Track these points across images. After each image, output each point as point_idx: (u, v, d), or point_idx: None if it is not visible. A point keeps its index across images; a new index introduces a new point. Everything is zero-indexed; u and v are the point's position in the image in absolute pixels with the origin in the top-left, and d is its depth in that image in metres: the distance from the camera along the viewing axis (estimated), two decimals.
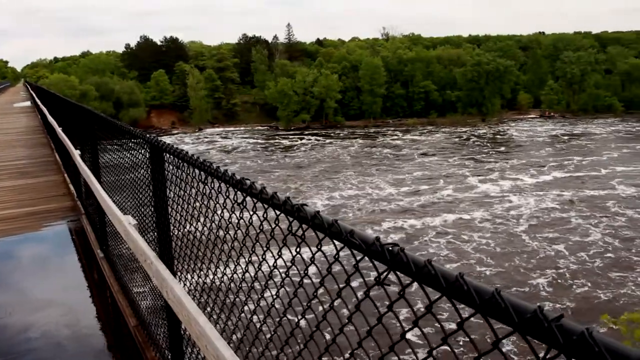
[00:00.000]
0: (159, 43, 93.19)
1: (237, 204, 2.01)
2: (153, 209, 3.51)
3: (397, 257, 1.16)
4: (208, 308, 2.67)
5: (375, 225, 30.64)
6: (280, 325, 1.93)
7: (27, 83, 59.06)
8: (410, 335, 1.26)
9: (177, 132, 79.16)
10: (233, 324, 2.43)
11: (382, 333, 1.39)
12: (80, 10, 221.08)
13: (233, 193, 2.01)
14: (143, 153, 3.67)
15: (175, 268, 3.25)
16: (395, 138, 68.00)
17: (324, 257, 1.48)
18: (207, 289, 2.74)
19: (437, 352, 1.16)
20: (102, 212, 5.72)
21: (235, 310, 2.37)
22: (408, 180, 43.15)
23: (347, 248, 1.32)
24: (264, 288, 1.99)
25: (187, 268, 3.00)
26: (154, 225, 3.53)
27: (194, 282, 2.93)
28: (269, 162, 54.51)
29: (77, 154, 7.45)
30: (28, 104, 33.46)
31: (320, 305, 1.62)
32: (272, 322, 1.99)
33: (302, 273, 1.64)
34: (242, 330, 2.33)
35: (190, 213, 2.76)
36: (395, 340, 1.25)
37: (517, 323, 0.89)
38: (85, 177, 6.29)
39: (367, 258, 1.26)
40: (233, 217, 2.12)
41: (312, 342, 1.68)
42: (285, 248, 1.70)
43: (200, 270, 2.77)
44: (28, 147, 15.92)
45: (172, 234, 3.26)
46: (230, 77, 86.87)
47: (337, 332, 1.50)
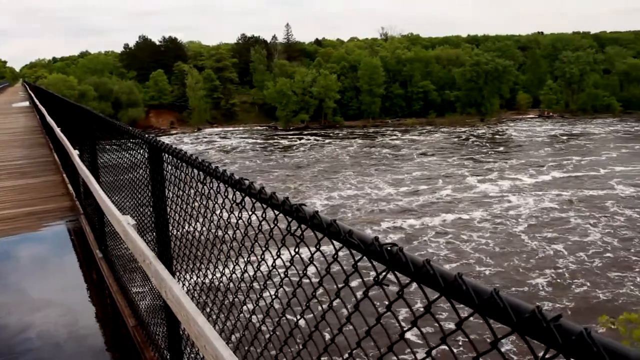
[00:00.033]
0: (158, 43, 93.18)
1: (235, 204, 2.01)
2: (152, 209, 3.51)
3: (395, 257, 1.16)
4: (207, 308, 2.66)
5: (375, 225, 30.64)
6: (279, 325, 1.93)
7: (25, 83, 58.96)
8: (410, 335, 1.26)
9: (175, 132, 79.12)
10: (232, 324, 2.43)
11: (381, 333, 1.39)
12: (80, 10, 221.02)
13: (232, 193, 2.01)
14: (142, 153, 3.67)
15: (174, 268, 3.24)
16: (394, 138, 68.00)
17: (323, 257, 1.48)
18: (205, 289, 2.74)
19: (437, 351, 1.16)
20: (100, 212, 5.72)
21: (234, 310, 2.37)
22: (407, 180, 43.16)
23: (346, 248, 1.32)
24: (263, 288, 1.99)
25: (186, 268, 3.00)
26: (153, 226, 3.53)
27: (193, 282, 2.93)
28: (268, 162, 54.50)
29: (75, 154, 7.44)
30: (26, 104, 33.41)
31: (319, 305, 1.62)
32: (271, 322, 1.99)
33: (301, 273, 1.64)
34: (241, 330, 2.32)
35: (189, 213, 2.76)
36: (394, 340, 1.25)
37: (515, 323, 0.89)
38: (84, 177, 6.28)
39: (366, 258, 1.26)
40: (232, 217, 2.12)
41: (311, 342, 1.68)
42: (284, 248, 1.70)
43: (199, 270, 2.77)
44: (26, 147, 15.89)
45: (171, 234, 3.26)
46: (229, 77, 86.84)
47: (336, 332, 1.50)
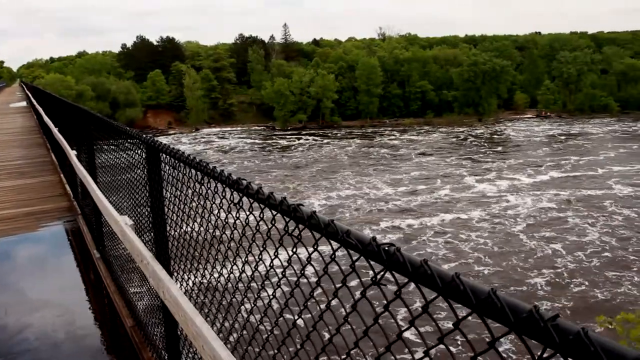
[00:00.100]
0: (155, 43, 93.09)
1: (233, 204, 2.00)
2: (149, 209, 3.51)
3: (393, 257, 1.15)
4: (205, 308, 2.66)
5: (373, 225, 30.64)
6: (277, 326, 1.92)
7: (23, 83, 58.88)
8: (408, 335, 1.26)
9: (173, 132, 79.06)
10: (230, 324, 2.43)
11: (379, 333, 1.39)
12: (80, 11, 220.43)
13: (229, 193, 2.01)
14: (139, 153, 3.66)
15: (172, 268, 3.24)
16: (393, 138, 68.03)
17: (321, 257, 1.48)
18: (203, 289, 2.74)
19: (436, 350, 1.16)
20: (98, 212, 5.71)
21: (232, 311, 2.37)
22: (405, 180, 43.18)
23: (343, 248, 1.32)
24: (261, 288, 1.98)
25: (183, 268, 3.00)
26: (151, 226, 3.53)
27: (191, 282, 2.93)
28: (267, 162, 54.48)
29: (73, 154, 7.43)
30: (24, 104, 33.36)
31: (317, 306, 1.62)
32: (268, 322, 1.99)
33: (298, 273, 1.64)
34: (239, 331, 2.32)
35: (187, 213, 2.75)
36: (392, 340, 1.25)
37: (513, 323, 0.89)
38: (82, 177, 6.27)
39: (363, 258, 1.26)
40: (230, 217, 2.12)
41: (308, 342, 1.68)
42: (282, 248, 1.70)
43: (197, 271, 2.76)
44: (24, 147, 15.86)
45: (168, 235, 3.26)
46: (227, 77, 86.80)
47: (333, 332, 1.50)
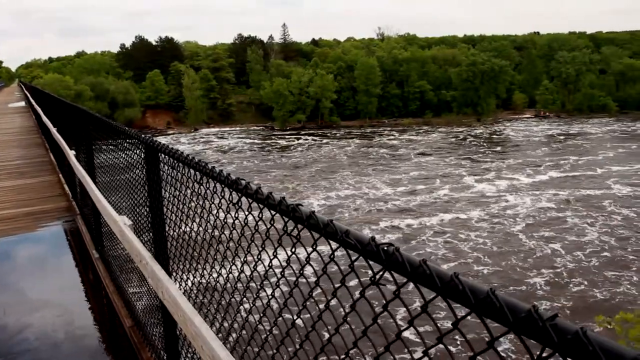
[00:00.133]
0: (154, 43, 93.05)
1: (232, 204, 2.00)
2: (148, 210, 3.50)
3: (392, 256, 1.15)
4: (204, 308, 2.66)
5: (372, 225, 30.65)
6: (276, 326, 1.92)
7: (21, 83, 58.83)
8: (408, 334, 1.26)
9: (172, 132, 79.04)
10: (229, 324, 2.43)
11: (378, 333, 1.39)
12: (79, 11, 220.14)
13: (228, 193, 2.01)
14: (138, 153, 3.66)
15: (171, 268, 3.24)
16: (392, 138, 68.06)
17: (320, 257, 1.48)
18: (202, 290, 2.74)
19: (436, 349, 1.16)
20: (97, 212, 5.70)
21: (231, 311, 2.37)
22: (404, 180, 43.19)
23: (343, 248, 1.32)
24: (260, 288, 1.98)
25: (182, 268, 3.00)
26: (150, 226, 3.53)
27: (190, 282, 2.92)
28: (266, 162, 54.48)
29: (72, 155, 7.42)
30: (22, 104, 33.32)
31: (316, 305, 1.62)
32: (267, 322, 1.99)
33: (297, 273, 1.64)
34: (238, 331, 2.32)
35: (186, 213, 2.75)
36: (391, 340, 1.25)
37: (512, 322, 0.89)
38: (81, 177, 6.26)
39: (362, 258, 1.25)
40: (229, 217, 2.12)
41: (307, 342, 1.68)
42: (281, 248, 1.70)
43: (196, 271, 2.76)
44: (23, 147, 15.84)
45: (167, 235, 3.25)
46: (226, 77, 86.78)
47: (332, 332, 1.50)
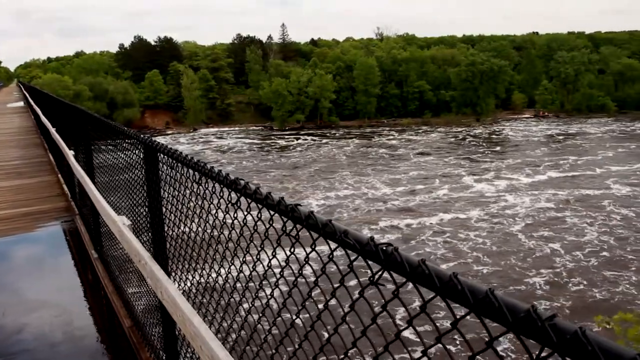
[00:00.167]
0: (153, 43, 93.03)
1: (231, 204, 2.00)
2: (147, 210, 3.50)
3: (391, 256, 1.15)
4: (203, 308, 2.66)
5: (372, 225, 30.64)
6: (275, 326, 1.92)
7: (20, 83, 58.79)
8: (407, 334, 1.26)
9: (171, 132, 79.02)
10: (228, 324, 2.42)
11: (377, 333, 1.39)
12: (79, 11, 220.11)
13: (227, 193, 2.00)
14: (137, 153, 3.65)
15: (170, 268, 3.24)
16: (391, 138, 68.07)
17: (319, 257, 1.48)
18: (201, 290, 2.73)
19: (436, 349, 1.16)
20: (96, 212, 5.70)
21: (230, 311, 2.36)
22: (404, 180, 43.19)
23: (341, 248, 1.32)
24: (259, 288, 1.98)
25: (181, 268, 2.99)
26: (149, 226, 3.52)
27: (189, 282, 2.92)
28: (265, 162, 54.47)
29: (70, 155, 7.42)
30: (21, 105, 33.30)
31: (315, 305, 1.62)
32: (267, 322, 1.99)
33: (296, 273, 1.64)
34: (236, 331, 2.32)
35: (185, 213, 2.75)
36: (390, 340, 1.25)
37: (511, 322, 0.89)
38: (79, 177, 6.26)
39: (361, 258, 1.25)
40: (227, 217, 2.12)
41: (306, 341, 1.68)
42: (280, 248, 1.70)
43: (195, 271, 2.76)
44: (21, 147, 15.83)
45: (166, 235, 3.25)
46: (225, 77, 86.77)
47: (332, 332, 1.49)
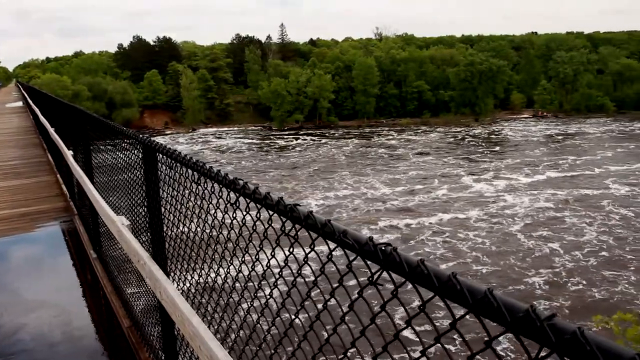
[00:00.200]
0: (152, 43, 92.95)
1: (230, 204, 2.00)
2: (146, 210, 3.50)
3: (390, 256, 1.15)
4: (202, 308, 2.66)
5: (371, 225, 30.63)
6: (274, 325, 1.92)
7: (19, 83, 58.75)
8: (406, 334, 1.26)
9: (170, 132, 78.96)
10: (227, 324, 2.42)
11: (376, 333, 1.39)
12: (79, 11, 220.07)
13: (226, 193, 2.00)
14: (136, 154, 3.65)
15: (169, 268, 3.23)
16: (390, 138, 68.07)
17: (318, 257, 1.48)
18: (200, 290, 2.73)
19: (436, 348, 1.16)
20: (95, 212, 5.69)
21: (229, 311, 2.36)
22: (403, 180, 43.19)
23: (341, 248, 1.32)
24: (258, 288, 1.98)
25: (180, 268, 2.99)
26: (147, 226, 3.52)
27: (188, 282, 2.92)
28: (264, 162, 54.45)
29: (69, 155, 7.42)
30: (20, 105, 33.29)
31: (314, 305, 1.62)
32: (265, 322, 1.99)
33: (295, 273, 1.64)
34: (235, 331, 2.32)
35: (184, 213, 2.75)
36: (389, 340, 1.25)
37: (509, 322, 0.89)
38: (78, 177, 6.26)
39: (360, 258, 1.25)
40: (226, 217, 2.12)
41: (305, 341, 1.68)
42: (279, 248, 1.70)
43: (194, 271, 2.76)
44: (20, 147, 15.82)
45: (165, 235, 3.25)
46: (224, 77, 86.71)
47: (331, 331, 1.49)
